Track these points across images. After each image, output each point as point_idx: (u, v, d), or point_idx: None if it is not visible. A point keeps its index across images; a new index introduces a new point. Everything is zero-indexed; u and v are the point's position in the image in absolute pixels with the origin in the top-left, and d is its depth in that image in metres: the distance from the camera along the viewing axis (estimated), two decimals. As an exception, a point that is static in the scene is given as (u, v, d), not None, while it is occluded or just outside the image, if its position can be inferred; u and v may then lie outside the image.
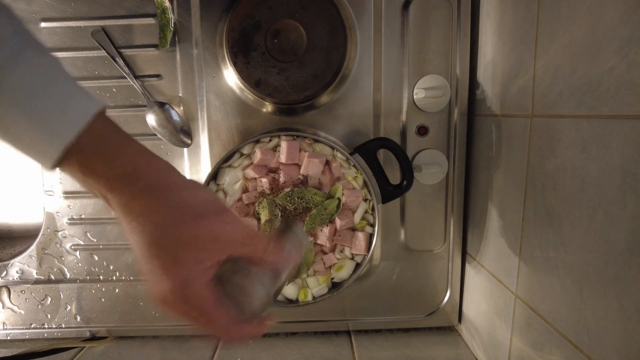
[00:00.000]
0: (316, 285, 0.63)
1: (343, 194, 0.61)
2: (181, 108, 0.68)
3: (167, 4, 0.63)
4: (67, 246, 0.72)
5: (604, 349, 0.40)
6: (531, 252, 0.52)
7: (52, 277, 0.72)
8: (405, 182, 0.62)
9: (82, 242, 0.71)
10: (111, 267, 0.72)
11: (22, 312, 0.73)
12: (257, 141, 0.63)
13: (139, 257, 0.33)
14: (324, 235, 0.62)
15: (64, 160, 0.31)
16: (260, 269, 0.37)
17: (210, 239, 0.33)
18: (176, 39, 0.66)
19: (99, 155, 0.32)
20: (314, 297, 0.63)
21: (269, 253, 0.37)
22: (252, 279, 0.37)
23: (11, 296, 0.73)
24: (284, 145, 0.60)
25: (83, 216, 0.71)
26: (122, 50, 0.66)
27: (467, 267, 0.72)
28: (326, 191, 0.62)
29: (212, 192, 0.36)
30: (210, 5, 0.64)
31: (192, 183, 0.35)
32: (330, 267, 0.64)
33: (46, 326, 0.74)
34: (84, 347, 0.72)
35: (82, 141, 0.31)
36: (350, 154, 0.61)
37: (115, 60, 0.65)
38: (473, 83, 0.67)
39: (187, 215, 0.33)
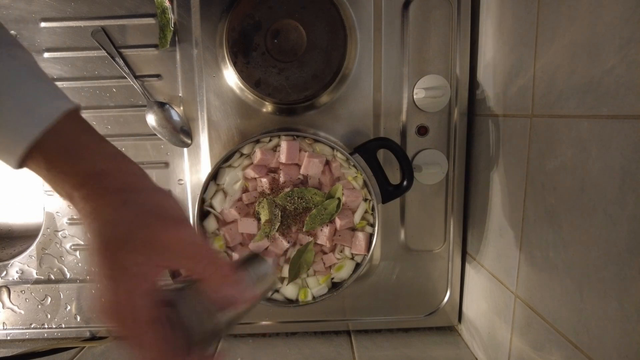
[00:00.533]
0: (316, 285, 0.63)
1: (343, 194, 0.61)
2: (181, 108, 0.68)
3: (167, 4, 0.63)
4: (67, 246, 0.72)
5: (604, 349, 0.40)
6: (531, 252, 0.52)
7: (52, 277, 0.72)
8: (405, 182, 0.62)
9: (82, 242, 0.71)
10: (111, 267, 0.72)
11: (22, 312, 0.73)
12: (257, 141, 0.63)
13: (89, 258, 0.32)
14: (324, 235, 0.62)
15: (29, 159, 0.31)
16: (211, 298, 0.34)
17: (162, 247, 0.31)
18: (176, 39, 0.66)
19: (65, 154, 0.31)
20: (314, 297, 0.63)
21: (218, 278, 0.34)
22: (199, 307, 0.34)
23: (11, 296, 0.73)
24: (284, 145, 0.60)
25: (83, 216, 0.70)
26: (122, 50, 0.66)
27: (467, 267, 0.72)
28: (326, 191, 0.62)
29: (177, 203, 0.35)
30: (210, 5, 0.64)
31: (160, 190, 0.34)
32: (330, 267, 0.64)
33: (46, 326, 0.74)
34: (84, 347, 0.72)
35: (48, 140, 0.31)
36: (350, 154, 0.61)
37: (115, 60, 0.65)
38: (473, 83, 0.67)
39: (144, 218, 0.32)
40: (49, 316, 0.73)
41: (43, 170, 0.32)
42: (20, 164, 0.31)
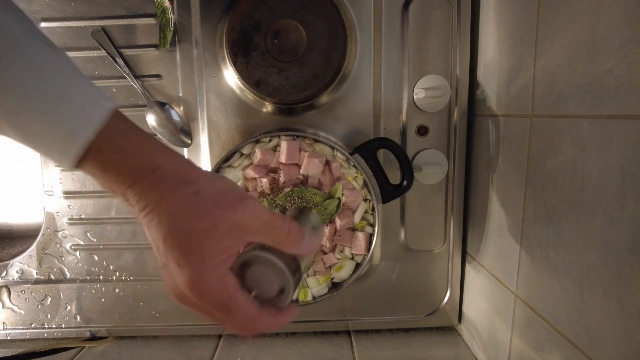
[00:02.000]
0: (316, 285, 0.63)
1: (343, 194, 0.61)
2: (181, 108, 0.68)
3: (167, 4, 0.63)
4: (67, 246, 0.72)
5: (604, 349, 0.40)
6: (531, 252, 0.52)
7: (52, 277, 0.72)
8: (405, 182, 0.62)
9: (82, 242, 0.71)
10: (111, 267, 0.72)
11: (22, 312, 0.73)
12: (257, 141, 0.63)
13: (155, 252, 0.33)
14: (324, 235, 0.62)
15: (83, 160, 0.32)
16: (280, 256, 0.36)
17: (227, 228, 0.33)
18: (176, 39, 0.66)
19: (117, 152, 0.32)
20: (314, 297, 0.63)
21: (290, 240, 0.36)
22: (272, 267, 0.36)
23: (11, 296, 0.73)
24: (284, 145, 0.60)
25: (83, 216, 0.71)
26: (122, 50, 0.66)
27: (467, 267, 0.72)
28: (326, 191, 0.62)
29: (231, 181, 0.36)
30: (210, 5, 0.64)
31: (210, 174, 0.35)
32: (330, 267, 0.64)
33: (46, 326, 0.74)
34: (84, 347, 0.72)
35: (101, 140, 0.31)
36: (350, 154, 0.61)
37: (115, 60, 0.65)
38: (473, 83, 0.67)
39: (203, 205, 0.32)
40: (49, 316, 0.73)
41: (97, 170, 0.32)
42: (76, 165, 0.32)
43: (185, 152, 0.69)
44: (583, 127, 0.42)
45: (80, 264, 0.72)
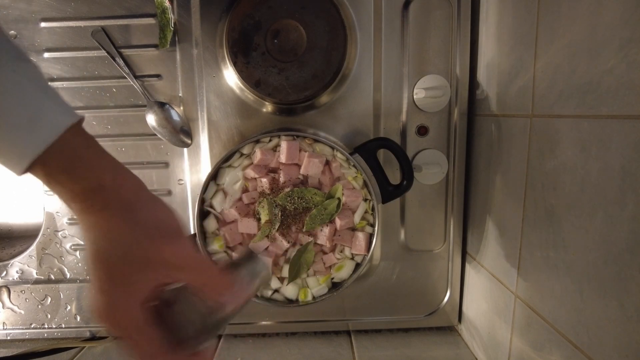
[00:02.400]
0: (316, 285, 0.63)
1: (343, 194, 0.61)
2: (181, 108, 0.68)
3: (167, 4, 0.63)
4: (67, 246, 0.72)
5: (604, 349, 0.40)
6: (531, 252, 0.52)
7: (52, 277, 0.72)
8: (405, 182, 0.62)
9: (82, 242, 0.71)
10: (111, 267, 0.72)
11: (22, 312, 0.73)
12: (257, 141, 0.63)
13: (87, 265, 0.34)
14: (324, 235, 0.62)
15: (32, 170, 0.32)
16: (202, 299, 0.36)
17: (154, 263, 0.33)
18: (176, 39, 0.66)
19: (65, 169, 0.32)
20: (314, 297, 0.63)
21: (215, 286, 0.36)
22: (190, 307, 0.36)
23: (11, 296, 0.73)
24: (284, 145, 0.60)
25: (83, 216, 0.70)
26: (122, 50, 0.66)
27: (467, 267, 0.72)
28: (326, 191, 0.62)
29: (173, 214, 0.36)
30: (210, 5, 0.64)
31: (158, 203, 0.35)
32: (330, 267, 0.64)
33: (46, 326, 0.74)
34: (84, 347, 0.72)
35: (49, 155, 0.31)
36: (350, 154, 0.61)
37: (115, 60, 0.65)
38: (473, 83, 0.67)
39: (138, 237, 0.33)
40: (49, 316, 0.73)
41: (44, 180, 0.33)
42: (23, 173, 0.32)
43: (185, 152, 0.69)
44: (583, 127, 0.42)
45: (80, 264, 0.72)
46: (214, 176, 0.62)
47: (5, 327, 0.74)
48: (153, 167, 0.69)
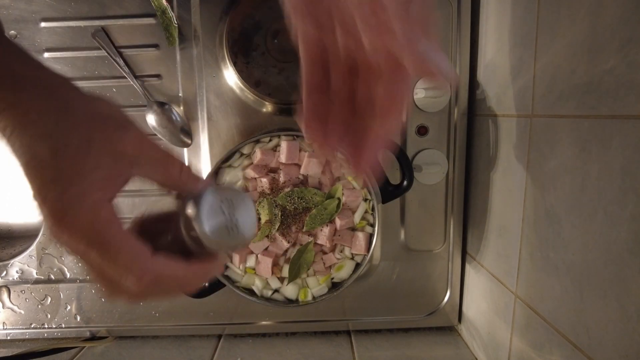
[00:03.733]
0: (316, 285, 0.63)
1: (343, 194, 0.61)
2: (181, 108, 0.68)
3: (165, 3, 0.63)
4: (67, 246, 0.72)
5: (604, 349, 0.40)
6: (531, 252, 0.52)
7: (52, 277, 0.72)
8: (405, 182, 0.62)
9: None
10: (111, 267, 0.72)
11: (22, 312, 0.73)
12: (257, 141, 0.63)
13: (23, 176, 0.26)
14: (324, 235, 0.62)
15: None
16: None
17: (108, 148, 0.26)
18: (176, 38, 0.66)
19: None
20: (314, 297, 0.63)
21: (183, 179, 0.30)
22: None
23: (11, 296, 0.73)
24: (284, 145, 0.60)
25: (83, 216, 0.70)
26: (122, 50, 0.66)
27: (467, 267, 0.72)
28: (326, 191, 0.62)
29: (116, 106, 0.29)
30: (210, 5, 0.64)
31: (97, 95, 0.29)
32: (330, 267, 0.64)
33: (46, 326, 0.74)
34: (84, 347, 0.72)
35: None
36: (350, 154, 0.61)
37: (115, 60, 0.65)
38: (473, 83, 0.67)
39: (75, 120, 0.26)
40: (49, 316, 0.73)
41: None
42: None
43: (185, 152, 0.69)
44: (583, 127, 0.42)
45: (80, 264, 0.72)
46: (214, 176, 0.62)
47: (5, 327, 0.74)
48: (153, 167, 0.69)
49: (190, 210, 0.29)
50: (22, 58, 0.28)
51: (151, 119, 0.66)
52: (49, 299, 0.73)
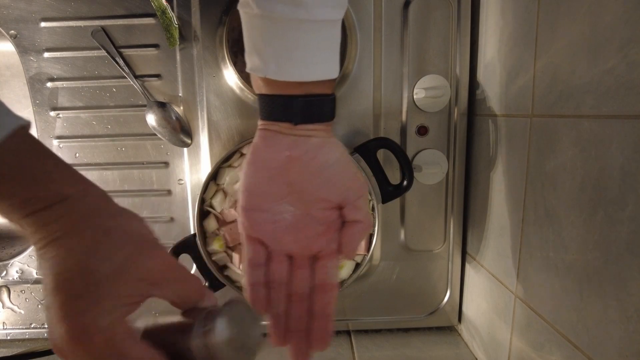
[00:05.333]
0: (316, 285, 0.63)
1: (343, 194, 0.61)
2: (181, 108, 0.68)
3: (165, 3, 0.63)
4: (67, 246, 0.71)
5: (604, 349, 0.40)
6: (531, 252, 0.52)
7: (52, 277, 0.72)
8: (405, 182, 0.62)
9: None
10: (111, 267, 0.72)
11: (22, 311, 0.73)
12: (257, 141, 0.63)
13: (43, 292, 0.28)
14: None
15: None
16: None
17: (133, 276, 0.29)
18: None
19: (15, 176, 0.27)
20: (314, 297, 0.63)
21: (202, 296, 0.33)
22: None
23: (11, 296, 0.73)
24: (284, 145, 0.60)
25: (83, 216, 0.70)
26: (122, 50, 0.66)
27: (467, 267, 0.72)
28: (326, 191, 0.62)
29: (146, 226, 0.32)
30: (210, 5, 0.64)
31: (127, 213, 0.31)
32: (330, 267, 0.64)
33: (46, 326, 0.74)
34: (84, 347, 0.72)
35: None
36: (350, 154, 0.61)
37: (115, 60, 0.65)
38: (473, 83, 0.67)
39: (111, 247, 0.28)
40: (49, 316, 0.73)
41: None
42: None
43: (185, 152, 0.69)
44: (583, 127, 0.42)
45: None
46: (214, 176, 0.62)
47: (5, 327, 0.74)
48: (153, 167, 0.69)
49: (208, 327, 0.31)
50: (74, 179, 0.30)
51: (151, 119, 0.66)
52: (49, 299, 0.73)
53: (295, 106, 0.41)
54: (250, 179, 0.44)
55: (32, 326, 0.74)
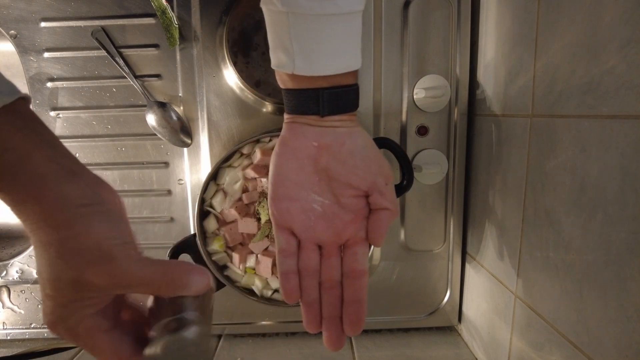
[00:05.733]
0: (316, 285, 0.63)
1: (343, 194, 0.61)
2: (181, 108, 0.68)
3: (165, 3, 0.63)
4: (67, 246, 0.71)
5: (604, 349, 0.40)
6: (531, 252, 0.52)
7: (52, 277, 0.72)
8: (405, 182, 0.62)
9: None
10: (111, 267, 0.72)
11: (22, 311, 0.73)
12: (257, 141, 0.63)
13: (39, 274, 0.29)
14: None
15: None
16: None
17: (90, 283, 0.29)
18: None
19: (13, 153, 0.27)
20: (314, 297, 0.63)
21: (184, 286, 0.32)
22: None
23: (11, 296, 0.73)
24: (284, 145, 0.60)
25: (83, 216, 0.70)
26: (122, 50, 0.66)
27: (467, 267, 0.72)
28: (326, 191, 0.62)
29: (109, 230, 0.30)
30: (210, 5, 0.64)
31: (93, 216, 0.29)
32: (330, 267, 0.64)
33: (46, 326, 0.74)
34: (84, 347, 0.72)
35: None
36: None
37: (115, 60, 0.65)
38: (473, 83, 0.67)
39: (70, 258, 0.28)
40: (49, 316, 0.73)
41: None
42: None
43: (185, 152, 0.69)
44: (583, 127, 0.42)
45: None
46: (214, 176, 0.62)
47: (5, 327, 0.74)
48: (153, 167, 0.69)
49: (154, 338, 0.32)
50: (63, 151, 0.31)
51: (151, 119, 0.66)
52: (49, 299, 0.73)
53: (322, 99, 0.42)
54: (279, 170, 0.44)
55: (32, 326, 0.74)
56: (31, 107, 0.32)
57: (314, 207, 0.44)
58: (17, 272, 0.73)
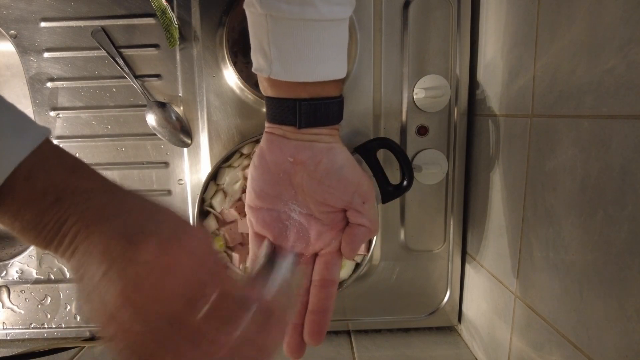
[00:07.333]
0: (316, 285, 0.63)
1: (343, 194, 0.61)
2: (181, 108, 0.68)
3: (165, 3, 0.63)
4: (67, 246, 0.71)
5: (604, 349, 0.40)
6: (531, 252, 0.52)
7: (52, 276, 0.72)
8: (405, 182, 0.62)
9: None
10: (111, 267, 0.72)
11: (22, 312, 0.73)
12: (257, 141, 0.63)
13: (102, 314, 0.26)
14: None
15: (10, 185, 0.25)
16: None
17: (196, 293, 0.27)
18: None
19: (45, 193, 0.26)
20: (314, 297, 0.63)
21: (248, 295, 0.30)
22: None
23: (11, 296, 0.73)
24: (284, 145, 0.60)
25: (83, 216, 0.70)
26: (122, 50, 0.66)
27: (467, 267, 0.72)
28: (326, 191, 0.62)
29: (207, 235, 0.29)
30: (210, 5, 0.64)
31: (195, 229, 0.28)
32: (330, 267, 0.64)
33: (46, 326, 0.74)
34: (84, 347, 0.72)
35: (32, 164, 0.25)
36: (351, 154, 0.61)
37: (115, 60, 0.65)
38: (473, 83, 0.67)
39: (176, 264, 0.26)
40: (48, 316, 0.73)
41: (8, 216, 0.26)
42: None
43: (185, 152, 0.69)
44: (583, 127, 0.42)
45: (80, 264, 0.72)
46: (214, 176, 0.62)
47: (5, 327, 0.74)
48: (153, 167, 0.69)
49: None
50: (104, 185, 0.29)
51: (151, 119, 0.66)
52: (49, 298, 0.73)
53: (299, 110, 0.41)
54: (256, 182, 0.44)
55: (32, 326, 0.74)
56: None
57: (291, 215, 0.44)
58: (17, 272, 0.73)
